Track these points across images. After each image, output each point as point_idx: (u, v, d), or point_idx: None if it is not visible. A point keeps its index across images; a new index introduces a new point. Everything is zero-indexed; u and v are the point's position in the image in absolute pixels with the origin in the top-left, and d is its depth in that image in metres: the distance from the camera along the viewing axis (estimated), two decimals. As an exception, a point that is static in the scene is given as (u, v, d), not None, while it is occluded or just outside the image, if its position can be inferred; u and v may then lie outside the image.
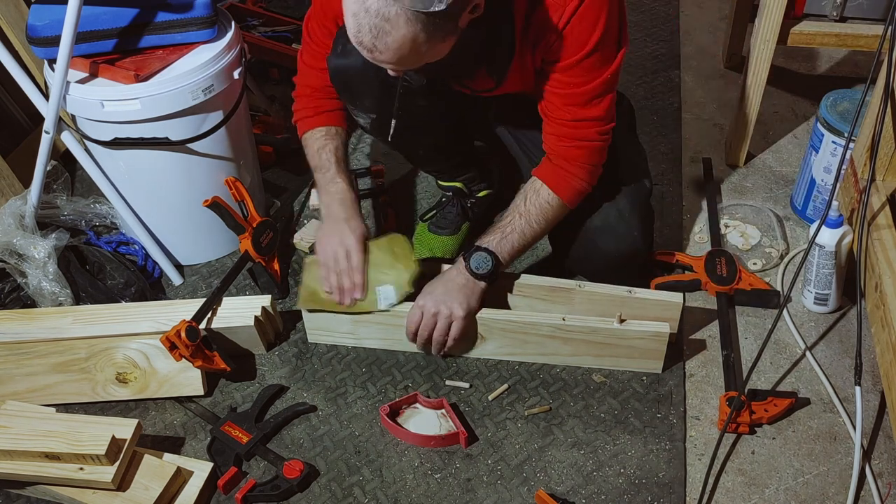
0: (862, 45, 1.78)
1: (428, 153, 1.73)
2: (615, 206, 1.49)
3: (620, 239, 1.50)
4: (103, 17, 1.54)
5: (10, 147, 1.95)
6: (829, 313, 1.63)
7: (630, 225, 1.50)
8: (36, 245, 1.62)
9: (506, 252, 1.46)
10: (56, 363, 1.50)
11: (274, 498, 1.36)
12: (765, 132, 2.10)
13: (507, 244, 1.45)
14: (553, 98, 1.37)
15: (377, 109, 1.51)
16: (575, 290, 1.51)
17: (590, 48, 1.29)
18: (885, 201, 1.51)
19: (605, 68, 1.32)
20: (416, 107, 1.49)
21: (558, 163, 1.43)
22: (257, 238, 1.64)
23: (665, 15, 2.58)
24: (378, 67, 1.22)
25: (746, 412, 1.40)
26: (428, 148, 1.69)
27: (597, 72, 1.32)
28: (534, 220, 1.45)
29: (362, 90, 1.48)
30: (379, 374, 1.56)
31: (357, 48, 1.17)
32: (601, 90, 1.34)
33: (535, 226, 1.46)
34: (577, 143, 1.40)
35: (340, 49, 1.46)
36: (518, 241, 1.46)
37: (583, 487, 1.36)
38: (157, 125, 1.56)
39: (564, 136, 1.40)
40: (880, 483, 1.35)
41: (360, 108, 1.53)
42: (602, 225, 1.50)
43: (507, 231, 1.46)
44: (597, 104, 1.36)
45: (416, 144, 1.67)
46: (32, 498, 1.39)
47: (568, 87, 1.34)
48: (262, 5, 2.46)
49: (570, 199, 1.45)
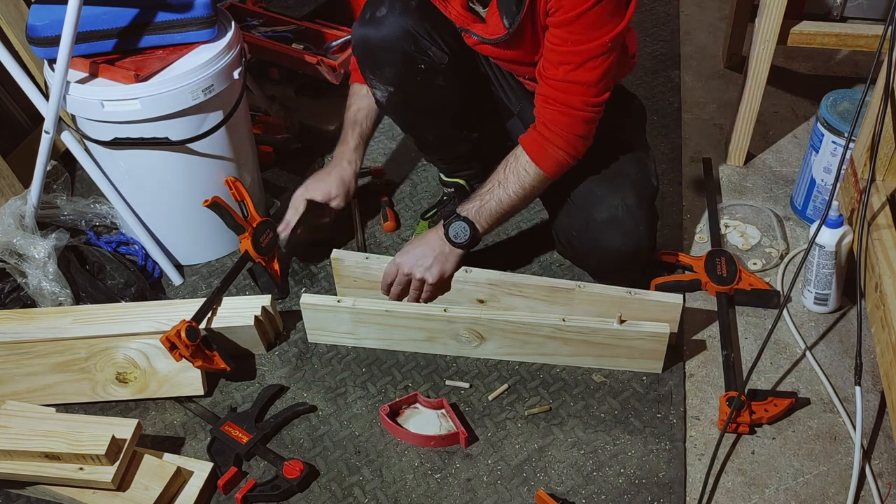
0: (862, 45, 1.78)
1: (437, 138, 1.73)
2: (623, 201, 1.48)
3: (627, 233, 1.48)
4: (103, 17, 1.54)
5: (10, 147, 1.95)
6: (829, 313, 1.63)
7: (637, 220, 1.49)
8: (36, 245, 1.62)
9: (483, 220, 1.47)
10: (56, 363, 1.50)
11: (274, 498, 1.36)
12: (765, 132, 2.10)
13: (486, 212, 1.47)
14: (550, 55, 1.36)
15: (396, 82, 1.52)
16: (575, 290, 1.51)
17: (591, 2, 1.27)
18: (885, 201, 1.51)
19: (607, 30, 1.30)
20: (435, 86, 1.50)
21: (541, 129, 1.42)
22: (257, 238, 1.64)
23: (665, 15, 2.58)
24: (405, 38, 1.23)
25: (746, 412, 1.40)
26: (438, 132, 1.69)
27: (597, 31, 1.30)
28: (511, 188, 1.46)
29: (385, 60, 1.50)
30: (379, 374, 1.56)
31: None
32: (597, 52, 1.32)
33: (513, 194, 1.46)
34: (562, 109, 1.38)
35: (369, 16, 1.47)
36: (496, 209, 1.47)
37: (583, 487, 1.36)
38: (157, 125, 1.56)
39: (552, 99, 1.38)
40: (880, 483, 1.35)
41: (380, 78, 1.54)
42: (609, 218, 1.49)
43: (485, 199, 1.47)
44: (591, 68, 1.34)
45: (428, 127, 1.67)
46: (32, 498, 1.39)
47: (565, 45, 1.33)
48: (262, 5, 2.46)
49: (549, 168, 1.44)
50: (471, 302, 1.57)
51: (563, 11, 1.29)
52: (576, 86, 1.36)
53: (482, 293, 1.55)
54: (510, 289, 1.54)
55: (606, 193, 1.49)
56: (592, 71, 1.34)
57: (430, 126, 1.67)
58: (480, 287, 1.54)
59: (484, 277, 1.54)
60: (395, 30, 1.47)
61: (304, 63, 2.14)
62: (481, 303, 1.57)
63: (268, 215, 1.76)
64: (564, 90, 1.36)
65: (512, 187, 1.46)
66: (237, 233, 1.64)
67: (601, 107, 1.40)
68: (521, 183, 1.45)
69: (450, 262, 1.51)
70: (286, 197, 1.97)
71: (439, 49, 1.31)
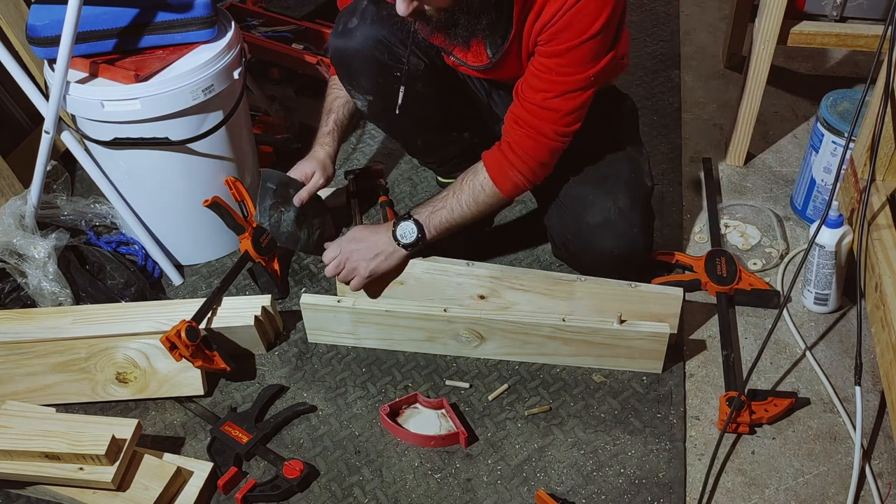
0: (862, 45, 1.78)
1: (426, 143, 1.73)
2: (615, 204, 1.49)
3: (620, 236, 1.49)
4: (103, 17, 1.54)
5: (10, 147, 1.95)
6: (829, 313, 1.63)
7: (630, 222, 1.49)
8: (36, 245, 1.62)
9: (433, 226, 1.48)
10: (56, 363, 1.50)
11: (274, 498, 1.36)
12: (765, 132, 2.10)
13: (436, 218, 1.48)
14: (531, 79, 1.36)
15: (374, 91, 1.53)
16: (576, 282, 1.50)
17: (584, 38, 1.27)
18: (885, 201, 1.51)
19: (592, 65, 1.32)
20: (414, 92, 1.49)
21: (505, 150, 1.42)
22: (257, 238, 1.64)
23: (665, 15, 2.58)
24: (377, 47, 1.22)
25: (747, 412, 1.40)
26: (425, 137, 1.70)
27: (583, 66, 1.31)
28: (464, 200, 1.46)
29: (360, 70, 1.50)
30: (379, 374, 1.56)
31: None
32: (579, 85, 1.33)
33: (465, 207, 1.46)
34: (531, 133, 1.38)
35: (341, 28, 1.47)
36: (446, 218, 1.48)
37: (583, 487, 1.36)
38: (157, 125, 1.56)
39: (523, 121, 1.39)
40: (880, 483, 1.35)
41: (358, 88, 1.55)
42: (602, 222, 1.49)
43: (437, 206, 1.48)
44: (569, 99, 1.34)
45: (413, 132, 1.68)
46: (32, 498, 1.39)
47: (549, 73, 1.33)
48: (262, 5, 2.46)
49: (506, 189, 1.44)
50: (471, 297, 1.56)
51: (556, 44, 1.30)
52: (550, 112, 1.36)
53: (483, 288, 1.55)
54: (511, 282, 1.53)
55: (599, 196, 1.49)
56: (570, 101, 1.35)
57: (415, 131, 1.68)
58: (482, 281, 1.54)
59: (485, 272, 1.54)
60: (368, 40, 1.47)
61: (304, 63, 2.14)
62: (482, 298, 1.56)
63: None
64: (538, 115, 1.37)
65: (465, 200, 1.46)
66: (237, 233, 1.64)
67: (569, 137, 1.40)
68: (476, 198, 1.46)
69: (389, 262, 1.51)
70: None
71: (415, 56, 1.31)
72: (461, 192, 1.46)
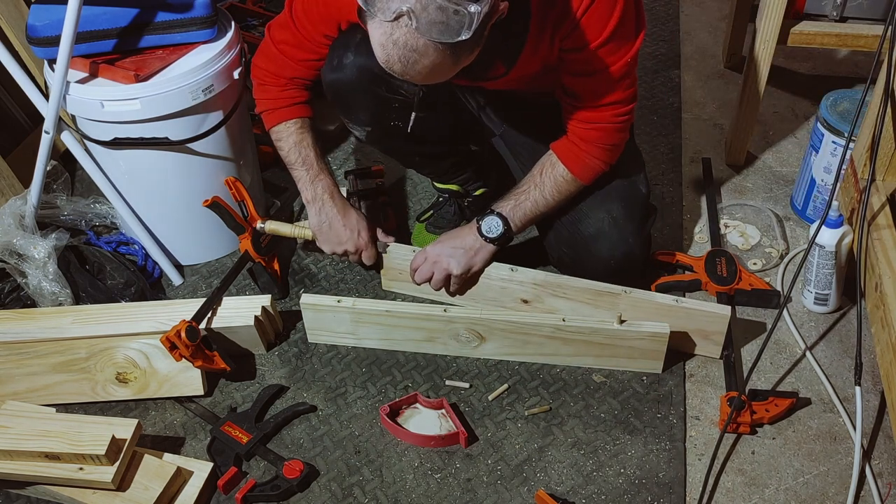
0: (862, 45, 1.78)
1: (423, 160, 1.74)
2: (609, 213, 1.49)
3: (615, 246, 1.49)
4: (103, 17, 1.54)
5: (10, 147, 1.95)
6: (829, 313, 1.63)
7: (624, 231, 1.49)
8: (36, 245, 1.62)
9: (518, 219, 1.48)
10: (56, 363, 1.50)
11: (274, 498, 1.36)
12: (765, 132, 2.10)
13: (520, 211, 1.48)
14: (573, 82, 1.37)
15: (373, 122, 1.53)
16: (620, 295, 1.49)
17: (607, 34, 1.28)
18: (885, 201, 1.51)
19: (624, 53, 1.32)
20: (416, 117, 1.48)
21: (575, 141, 1.43)
22: (257, 238, 1.64)
23: (665, 15, 2.58)
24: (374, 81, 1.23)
25: (747, 412, 1.40)
26: (423, 156, 1.70)
27: (615, 56, 1.32)
28: (548, 192, 1.47)
29: (358, 105, 1.50)
30: (379, 374, 1.56)
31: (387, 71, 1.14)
32: (620, 73, 1.34)
33: (549, 198, 1.48)
34: (594, 126, 1.41)
35: (336, 62, 1.45)
36: (531, 210, 1.48)
37: (583, 487, 1.36)
38: (157, 125, 1.56)
39: (582, 119, 1.41)
40: (880, 483, 1.35)
41: (356, 121, 1.55)
42: (595, 232, 1.49)
43: (521, 199, 1.48)
44: (616, 88, 1.36)
45: (411, 152, 1.68)
46: (32, 498, 1.39)
47: (588, 72, 1.34)
48: (262, 5, 2.46)
49: (585, 176, 1.46)
50: (515, 301, 1.57)
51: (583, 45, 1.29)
52: (605, 106, 1.38)
53: (527, 293, 1.55)
54: (555, 290, 1.53)
55: (592, 207, 1.50)
56: (617, 89, 1.36)
57: (412, 151, 1.68)
58: (525, 287, 1.54)
59: (529, 277, 1.53)
60: (364, 74, 1.44)
61: (304, 63, 2.13)
62: (525, 303, 1.57)
63: (268, 215, 1.76)
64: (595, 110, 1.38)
65: (549, 191, 1.47)
66: (237, 233, 1.64)
67: (631, 115, 1.42)
68: (559, 188, 1.47)
69: (479, 257, 1.52)
70: (286, 197, 1.98)
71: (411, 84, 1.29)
72: (542, 184, 1.47)
